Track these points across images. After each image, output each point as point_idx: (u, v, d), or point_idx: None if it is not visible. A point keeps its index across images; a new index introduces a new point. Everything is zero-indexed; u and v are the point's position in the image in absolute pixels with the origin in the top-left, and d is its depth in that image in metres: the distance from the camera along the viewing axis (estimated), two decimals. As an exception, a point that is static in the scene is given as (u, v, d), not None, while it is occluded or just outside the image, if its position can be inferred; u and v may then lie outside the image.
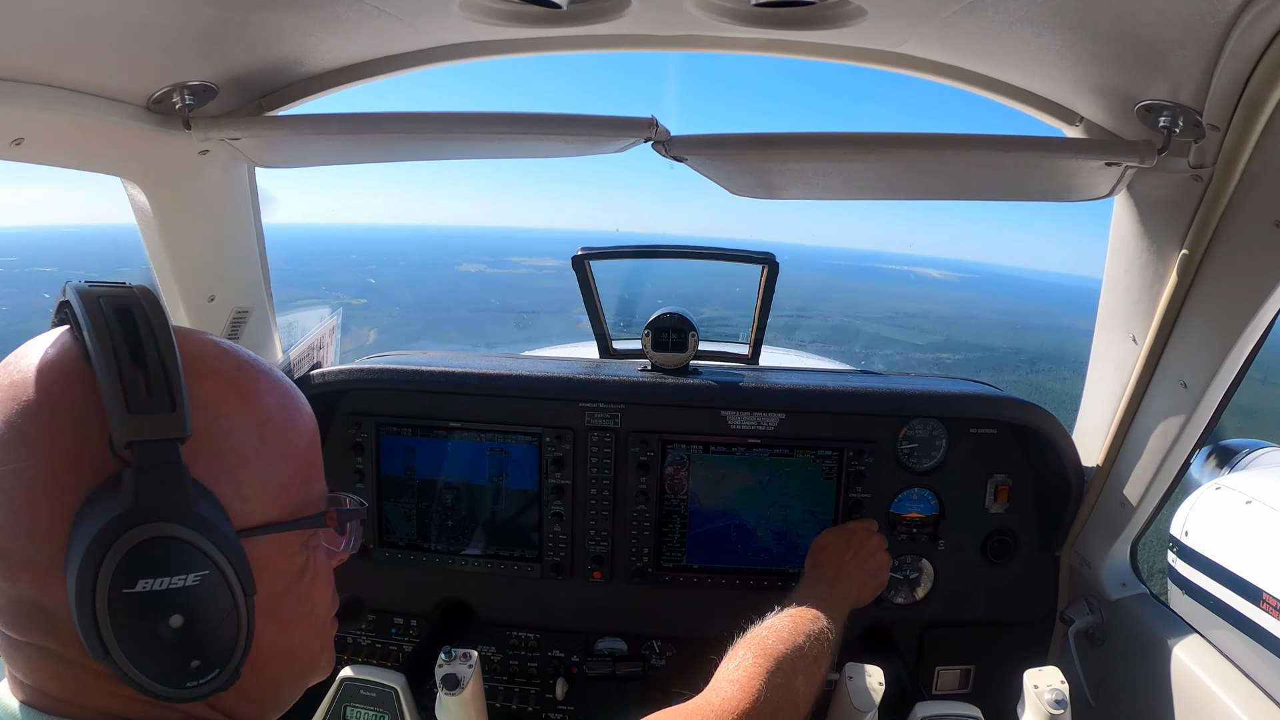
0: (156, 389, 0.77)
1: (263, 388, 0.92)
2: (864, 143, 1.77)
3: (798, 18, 1.67)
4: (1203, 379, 1.78)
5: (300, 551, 0.95)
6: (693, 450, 2.44)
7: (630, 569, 2.49)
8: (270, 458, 0.89)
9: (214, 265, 2.21)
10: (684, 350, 2.44)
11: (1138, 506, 2.10)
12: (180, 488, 0.77)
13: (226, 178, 2.14)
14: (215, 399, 0.86)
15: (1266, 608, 1.87)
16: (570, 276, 2.58)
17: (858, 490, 2.41)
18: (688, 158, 1.86)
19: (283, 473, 0.91)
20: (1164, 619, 2.13)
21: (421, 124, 1.87)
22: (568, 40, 1.91)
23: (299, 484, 0.93)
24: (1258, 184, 1.55)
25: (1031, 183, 1.99)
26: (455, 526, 2.53)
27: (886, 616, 2.51)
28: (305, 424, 0.97)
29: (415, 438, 2.49)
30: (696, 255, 2.62)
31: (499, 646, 2.60)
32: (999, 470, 2.44)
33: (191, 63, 1.69)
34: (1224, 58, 1.33)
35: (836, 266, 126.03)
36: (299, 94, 1.98)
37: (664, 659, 2.58)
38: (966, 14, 1.49)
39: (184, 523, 0.77)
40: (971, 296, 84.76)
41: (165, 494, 0.76)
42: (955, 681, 2.56)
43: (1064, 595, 2.46)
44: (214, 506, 0.81)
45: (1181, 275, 1.77)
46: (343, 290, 46.42)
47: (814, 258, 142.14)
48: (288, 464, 0.91)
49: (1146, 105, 1.60)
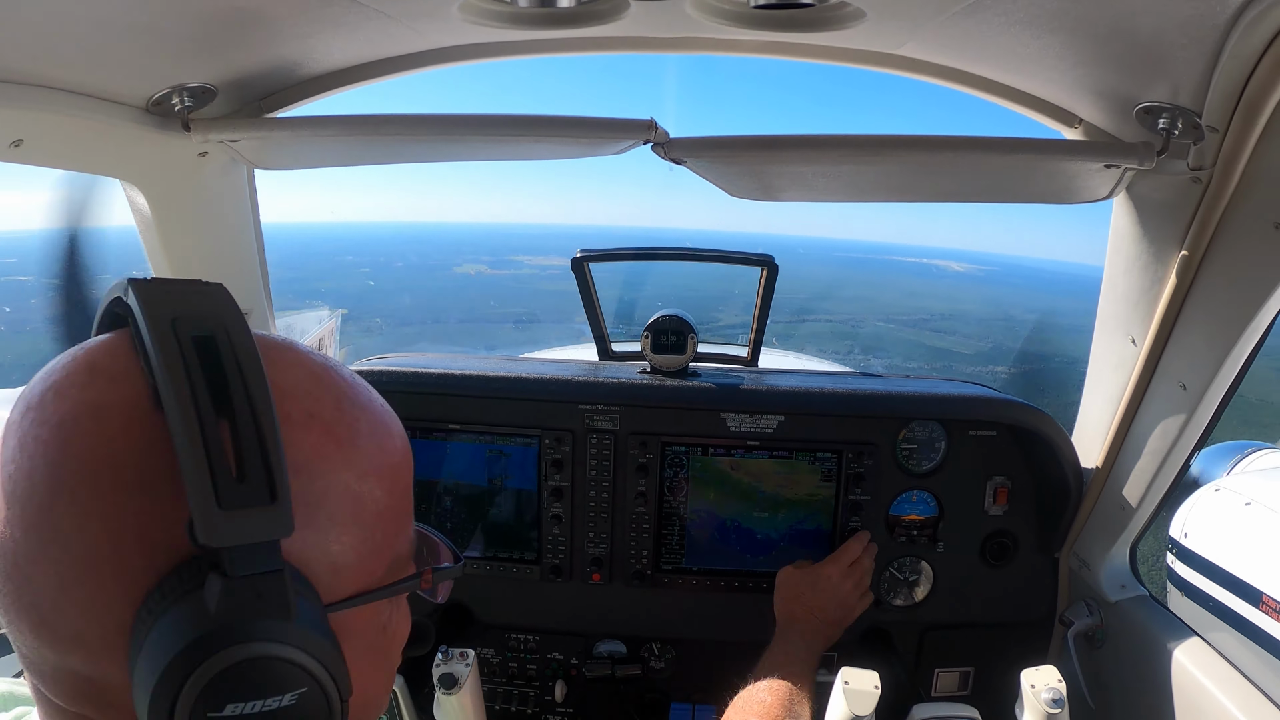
0: (251, 469, 0.61)
1: (363, 429, 0.74)
2: (863, 145, 1.78)
3: (797, 20, 1.67)
4: (1202, 381, 1.78)
5: (385, 609, 0.81)
6: (692, 452, 2.44)
7: (629, 571, 2.49)
8: (367, 517, 0.73)
9: (213, 267, 2.21)
10: (683, 352, 2.44)
11: (1137, 508, 2.10)
12: (281, 601, 0.62)
13: (226, 180, 2.14)
14: (311, 454, 0.69)
15: (1266, 609, 1.87)
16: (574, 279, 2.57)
17: (857, 492, 2.41)
18: (687, 160, 1.86)
19: (378, 531, 0.74)
20: (1163, 621, 2.13)
21: (420, 126, 1.87)
22: (567, 42, 1.91)
23: (392, 537, 0.78)
24: (1257, 185, 1.55)
25: (1031, 185, 2.00)
26: (454, 529, 2.52)
27: (885, 618, 2.51)
28: (403, 462, 0.80)
29: (414, 439, 2.47)
30: (695, 257, 2.62)
31: (498, 648, 2.60)
32: (998, 472, 2.44)
33: (191, 65, 1.69)
34: (1223, 59, 1.33)
35: (850, 260, 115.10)
36: (298, 96, 1.98)
37: (663, 661, 2.57)
38: (966, 16, 1.49)
39: (284, 641, 0.62)
40: (1001, 293, 75.99)
41: (263, 607, 0.61)
42: (954, 684, 2.56)
43: (1063, 597, 2.46)
44: (309, 596, 0.66)
45: (1181, 277, 1.78)
46: (326, 298, 45.36)
47: (824, 250, 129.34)
48: (384, 520, 0.75)
49: (1146, 107, 1.60)
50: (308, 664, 0.64)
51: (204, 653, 0.59)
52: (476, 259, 63.18)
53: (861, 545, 2.34)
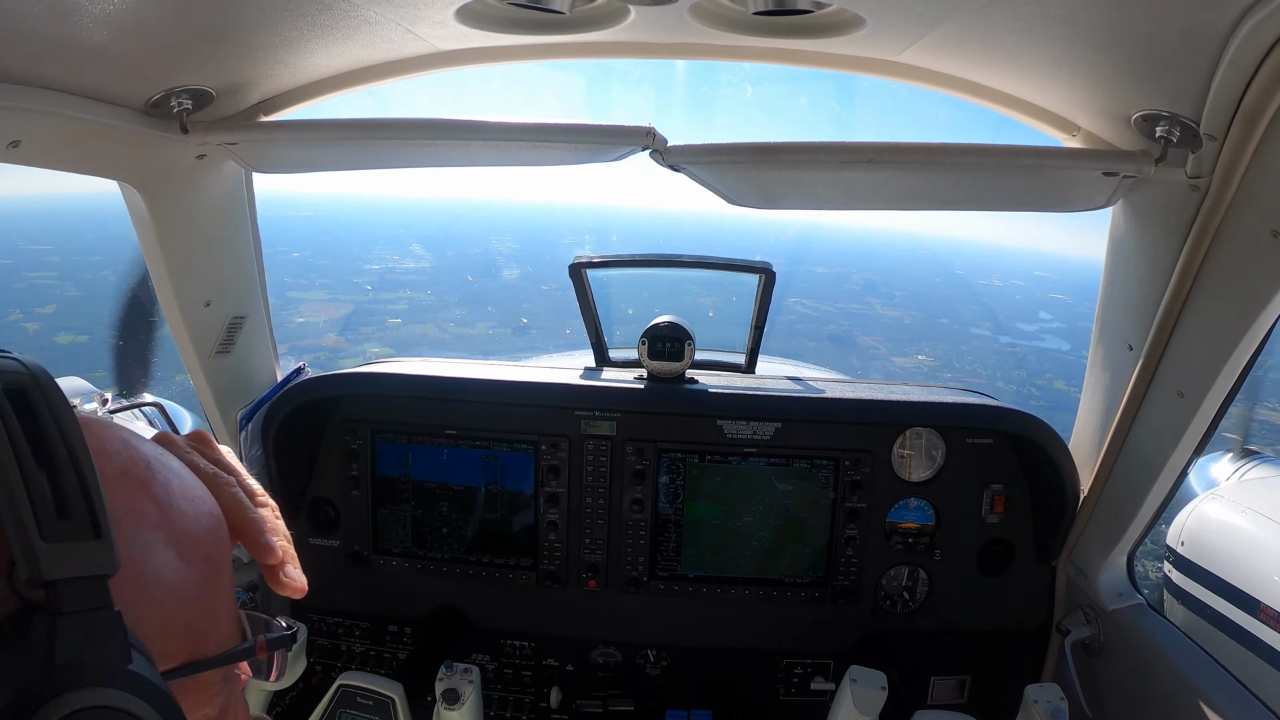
0: (73, 506, 0.59)
1: (175, 489, 0.73)
2: (863, 152, 1.78)
3: (797, 26, 1.67)
4: (1200, 388, 1.77)
5: (222, 688, 0.78)
6: (689, 459, 2.43)
7: (625, 577, 2.48)
8: (192, 579, 0.71)
9: (211, 270, 2.20)
10: (680, 359, 2.43)
11: (1134, 517, 2.09)
12: (114, 641, 0.59)
13: (223, 183, 2.14)
14: (129, 509, 0.67)
15: (1264, 618, 1.87)
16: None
17: (854, 500, 2.41)
18: (685, 166, 1.86)
19: (204, 596, 0.73)
20: (1160, 629, 2.13)
21: (418, 131, 1.87)
22: (567, 47, 1.91)
23: (219, 606, 0.76)
24: (1255, 193, 1.56)
25: (1029, 192, 2.00)
26: (450, 534, 2.51)
27: (882, 626, 2.50)
28: (220, 530, 0.78)
29: (411, 445, 2.48)
30: (693, 265, 2.62)
31: (493, 655, 2.58)
32: (995, 480, 2.43)
33: (189, 67, 1.69)
34: (1222, 68, 1.34)
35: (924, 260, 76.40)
36: (296, 99, 1.98)
37: (659, 668, 2.56)
38: (965, 23, 1.50)
39: (118, 685, 0.59)
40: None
41: (94, 651, 0.58)
42: (951, 692, 2.55)
43: (1060, 606, 2.45)
44: (142, 653, 0.63)
45: (1179, 284, 1.78)
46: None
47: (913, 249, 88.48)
48: (207, 584, 0.73)
49: (1144, 115, 1.60)
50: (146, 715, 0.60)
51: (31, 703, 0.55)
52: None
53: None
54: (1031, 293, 45.60)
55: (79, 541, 0.58)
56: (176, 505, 0.72)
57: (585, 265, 2.54)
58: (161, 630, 0.67)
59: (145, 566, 0.67)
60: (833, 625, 2.52)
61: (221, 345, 2.28)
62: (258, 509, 0.86)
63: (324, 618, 2.61)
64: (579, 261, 2.54)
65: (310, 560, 2.60)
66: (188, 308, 2.16)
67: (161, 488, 0.72)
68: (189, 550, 0.72)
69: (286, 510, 2.55)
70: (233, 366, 2.36)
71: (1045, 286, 46.70)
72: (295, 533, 2.58)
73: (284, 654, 0.88)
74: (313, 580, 0.90)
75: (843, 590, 2.46)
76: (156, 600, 0.68)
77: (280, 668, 0.89)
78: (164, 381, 4.69)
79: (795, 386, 2.50)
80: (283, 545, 0.88)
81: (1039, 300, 41.71)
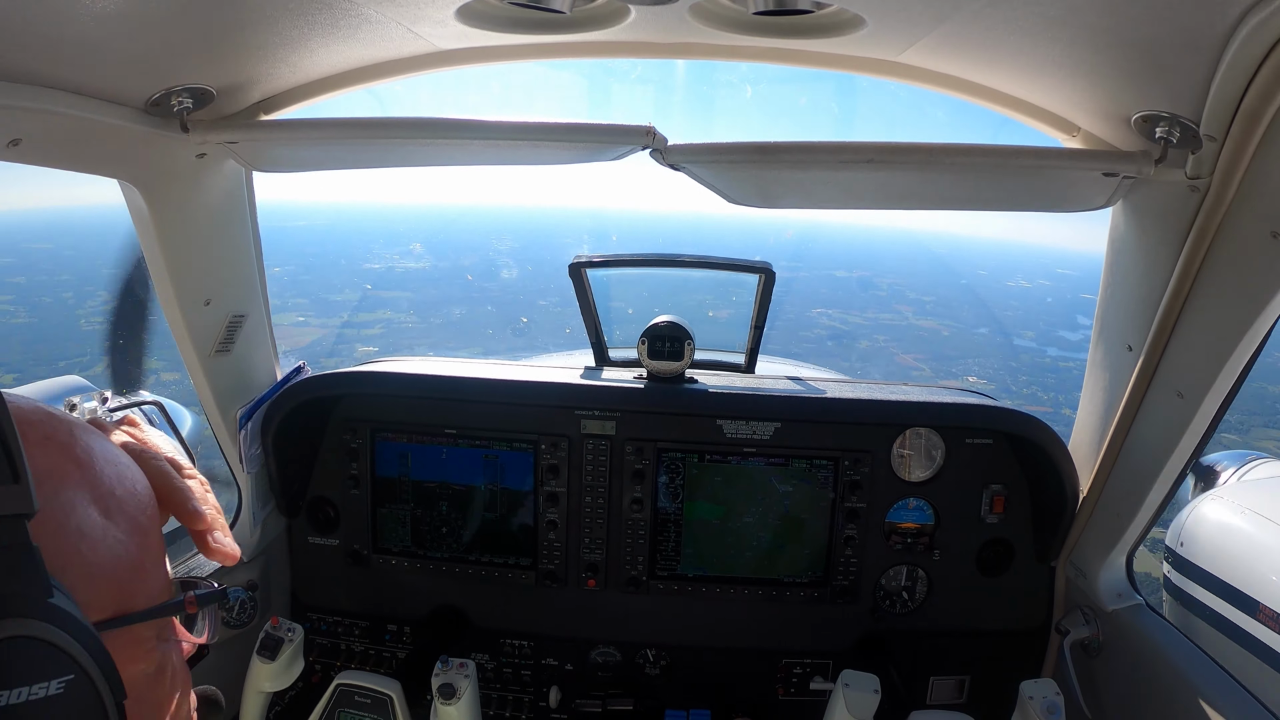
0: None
1: (98, 455, 0.79)
2: (862, 152, 1.78)
3: (797, 26, 1.67)
4: (1199, 389, 1.77)
5: (157, 646, 0.82)
6: (688, 459, 2.43)
7: (624, 577, 2.48)
8: (118, 536, 0.76)
9: (211, 269, 2.20)
10: (680, 359, 2.44)
11: (1134, 517, 2.09)
12: (33, 574, 0.63)
13: (224, 182, 2.13)
14: (52, 469, 0.72)
15: (1263, 619, 1.87)
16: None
17: (853, 499, 2.41)
18: (685, 166, 1.86)
19: (130, 552, 0.78)
20: (1159, 629, 2.13)
21: (418, 130, 1.87)
22: (567, 47, 1.91)
23: (149, 566, 0.81)
24: (1255, 194, 1.56)
25: (1029, 193, 2.00)
26: (450, 533, 2.51)
27: (881, 626, 2.50)
28: (146, 496, 0.84)
29: (411, 444, 2.48)
30: (693, 265, 2.62)
31: (492, 654, 2.58)
32: (995, 480, 2.44)
33: (190, 65, 1.69)
34: (1222, 68, 1.34)
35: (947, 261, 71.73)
36: (297, 98, 1.98)
37: (658, 668, 2.56)
38: (966, 24, 1.50)
39: (41, 617, 0.63)
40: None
41: (15, 583, 0.62)
42: (950, 692, 2.55)
43: (1059, 606, 2.45)
44: (66, 596, 0.67)
45: (1178, 285, 1.78)
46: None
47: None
48: (134, 541, 0.79)
49: (1144, 115, 1.60)
50: (70, 648, 0.64)
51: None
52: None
53: None
54: (1062, 295, 43.35)
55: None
56: (99, 469, 0.78)
57: (585, 265, 2.54)
58: (86, 578, 0.72)
59: (68, 520, 0.72)
60: (832, 625, 2.52)
61: (221, 344, 2.28)
62: (185, 480, 0.91)
63: (323, 617, 2.61)
64: (579, 261, 2.54)
65: (310, 560, 2.63)
66: (188, 306, 2.16)
67: (83, 451, 0.77)
68: (113, 510, 0.77)
69: (286, 510, 2.56)
70: (232, 365, 2.36)
71: (1073, 286, 44.69)
72: (295, 532, 2.60)
73: (215, 612, 0.92)
74: (312, 580, 0.92)
75: (842, 590, 2.46)
76: (81, 552, 0.72)
77: (213, 627, 0.93)
78: (156, 383, 4.66)
79: (795, 386, 2.50)
80: (211, 513, 0.92)
81: (1072, 303, 39.80)
